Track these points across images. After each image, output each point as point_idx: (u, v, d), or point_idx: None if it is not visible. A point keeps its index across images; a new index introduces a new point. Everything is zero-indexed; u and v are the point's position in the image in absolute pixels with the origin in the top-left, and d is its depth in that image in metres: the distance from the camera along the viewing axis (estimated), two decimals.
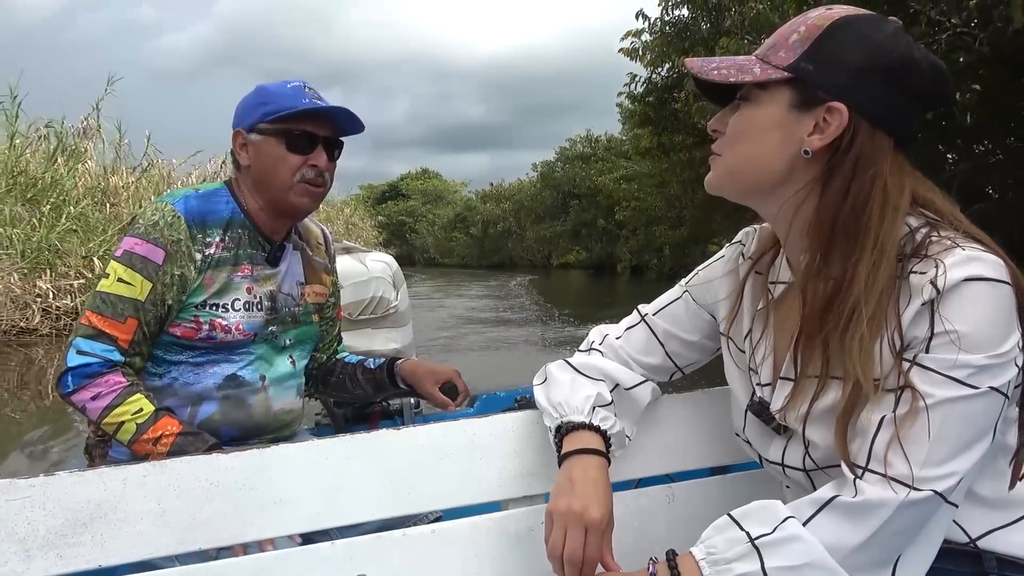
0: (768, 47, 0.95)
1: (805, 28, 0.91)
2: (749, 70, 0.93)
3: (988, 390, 0.82)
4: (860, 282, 0.87)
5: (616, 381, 1.13)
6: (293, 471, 1.08)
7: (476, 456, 1.16)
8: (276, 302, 1.58)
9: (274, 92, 1.53)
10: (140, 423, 1.37)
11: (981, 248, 0.85)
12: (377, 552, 1.09)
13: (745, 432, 1.07)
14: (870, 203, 0.88)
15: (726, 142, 0.97)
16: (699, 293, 1.16)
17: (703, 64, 0.96)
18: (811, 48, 0.90)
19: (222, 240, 1.51)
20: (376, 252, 2.68)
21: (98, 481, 0.99)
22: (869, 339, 0.86)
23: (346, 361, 1.84)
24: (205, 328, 1.48)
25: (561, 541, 0.94)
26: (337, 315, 1.84)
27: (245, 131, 1.54)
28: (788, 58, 0.91)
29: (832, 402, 0.91)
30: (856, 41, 0.89)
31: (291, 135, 1.50)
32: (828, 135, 0.89)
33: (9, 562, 0.93)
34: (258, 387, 1.56)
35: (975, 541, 0.90)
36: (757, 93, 0.94)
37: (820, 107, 0.89)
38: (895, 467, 0.82)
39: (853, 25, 0.90)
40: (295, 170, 1.51)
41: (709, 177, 1.00)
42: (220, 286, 1.49)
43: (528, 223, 37.32)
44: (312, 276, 1.69)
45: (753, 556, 0.83)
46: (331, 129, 1.55)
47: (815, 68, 0.90)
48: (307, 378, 1.82)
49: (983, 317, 0.82)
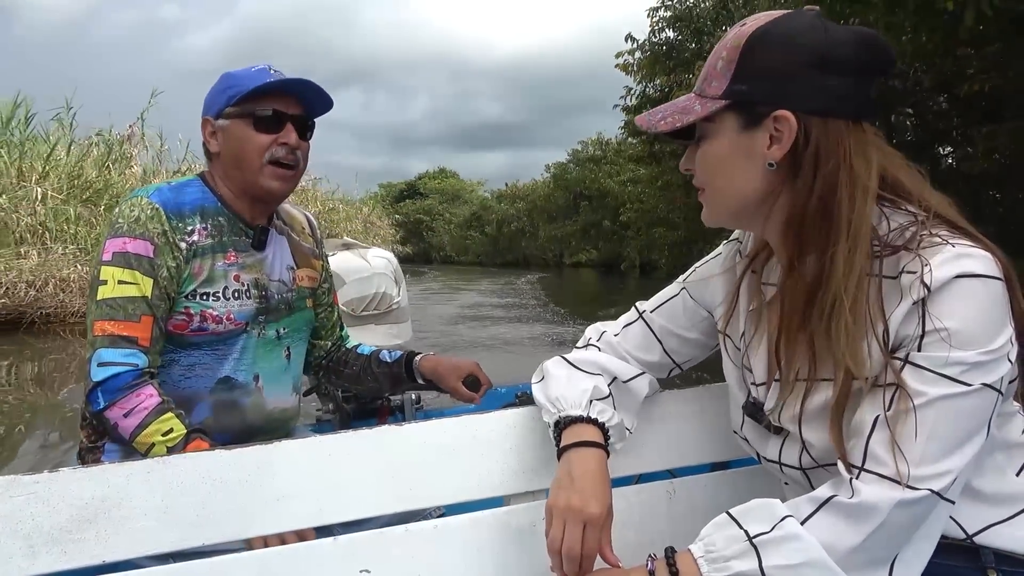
0: (702, 80, 0.97)
1: (727, 52, 0.93)
2: (691, 109, 0.96)
3: (981, 387, 0.82)
4: (838, 271, 0.88)
5: (614, 374, 1.13)
6: (296, 467, 1.08)
7: (478, 452, 1.16)
8: (267, 290, 1.55)
9: (238, 75, 1.50)
10: (171, 447, 1.34)
11: (970, 243, 0.86)
12: (380, 548, 1.10)
13: (743, 431, 1.07)
14: (837, 191, 0.89)
15: (703, 179, 1.00)
16: (697, 290, 1.17)
17: (650, 118, 0.99)
18: (737, 69, 0.92)
19: (204, 227, 1.49)
20: (376, 248, 2.69)
21: (102, 477, 1.00)
22: (854, 326, 0.87)
23: (359, 352, 1.81)
24: (196, 319, 1.46)
25: (560, 536, 0.95)
26: (333, 300, 1.82)
27: (213, 119, 1.51)
28: (720, 86, 0.93)
29: (824, 401, 0.91)
30: (773, 47, 0.90)
31: (257, 115, 1.47)
32: (784, 143, 0.91)
33: (14, 558, 0.94)
34: (251, 388, 1.53)
35: (972, 537, 0.91)
36: (707, 127, 0.96)
37: (767, 120, 0.91)
38: (891, 466, 0.82)
39: (767, 33, 0.91)
40: (264, 150, 1.48)
41: (704, 213, 1.03)
42: (208, 274, 1.47)
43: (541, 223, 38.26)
44: (302, 260, 1.67)
45: (751, 554, 0.83)
46: (300, 107, 1.52)
47: (747, 86, 0.91)
48: (316, 368, 1.82)
49: (974, 314, 0.82)
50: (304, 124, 1.53)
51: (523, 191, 45.10)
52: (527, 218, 41.25)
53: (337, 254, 2.58)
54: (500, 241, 44.61)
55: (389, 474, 1.12)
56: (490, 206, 48.10)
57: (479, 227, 48.10)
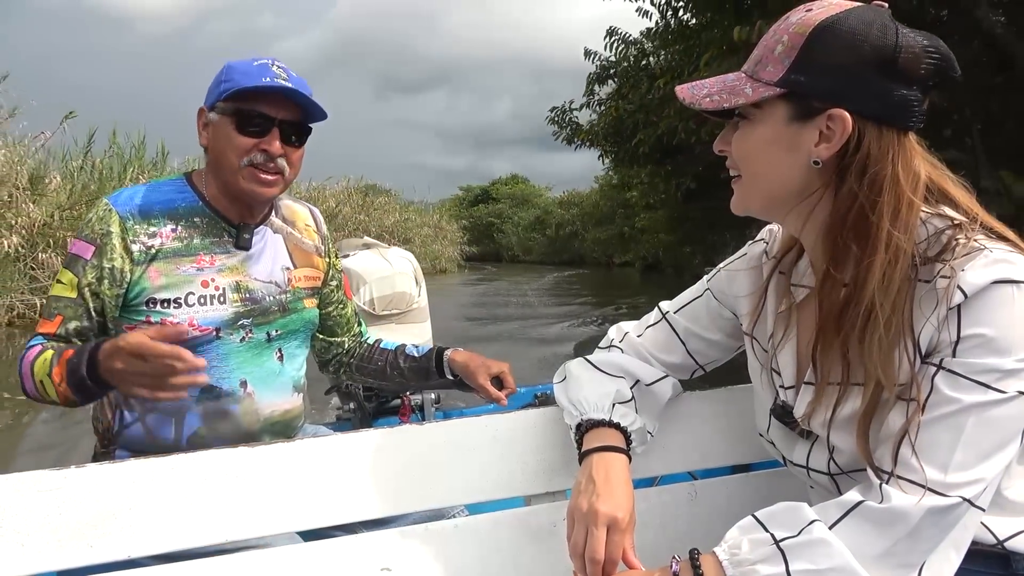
0: (755, 62, 0.92)
1: (788, 37, 0.88)
2: (740, 91, 0.91)
3: (1016, 394, 0.80)
4: (876, 282, 0.85)
5: (637, 377, 1.13)
6: (318, 465, 1.09)
7: (498, 452, 1.16)
8: (250, 292, 1.47)
9: (237, 68, 1.42)
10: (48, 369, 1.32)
11: (1007, 248, 0.84)
12: (401, 546, 1.10)
13: (769, 433, 1.06)
14: (880, 202, 0.86)
15: (739, 163, 0.96)
16: (721, 291, 1.15)
17: (694, 92, 0.94)
18: (798, 58, 0.87)
19: (173, 229, 1.43)
20: (397, 248, 2.70)
21: (127, 473, 1.01)
22: (888, 341, 0.85)
23: (383, 347, 1.77)
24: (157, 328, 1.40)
25: (583, 541, 0.94)
26: (346, 295, 1.75)
27: (207, 109, 1.45)
28: (777, 72, 0.88)
29: (855, 408, 0.90)
30: (842, 41, 0.85)
31: (243, 115, 1.40)
32: (835, 143, 0.87)
33: (43, 551, 0.96)
34: (240, 395, 1.46)
35: (1003, 543, 0.89)
36: (753, 111, 0.92)
37: (820, 116, 0.87)
38: (922, 473, 0.81)
39: (836, 25, 0.86)
40: (243, 153, 1.40)
41: (733, 200, 0.99)
42: (168, 280, 1.41)
43: (590, 227, 41.51)
44: (301, 259, 1.59)
45: (778, 558, 0.82)
46: (294, 112, 1.43)
47: (806, 78, 0.87)
48: (339, 366, 1.78)
49: (1011, 320, 0.80)
50: (296, 129, 1.45)
51: (578, 198, 48.97)
52: (580, 223, 44.73)
53: (358, 254, 2.59)
54: (557, 243, 48.30)
55: (410, 473, 1.12)
56: (552, 211, 52.44)
57: (541, 229, 51.80)
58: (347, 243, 2.71)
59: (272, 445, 1.09)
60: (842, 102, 0.86)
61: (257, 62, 1.42)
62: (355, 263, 2.51)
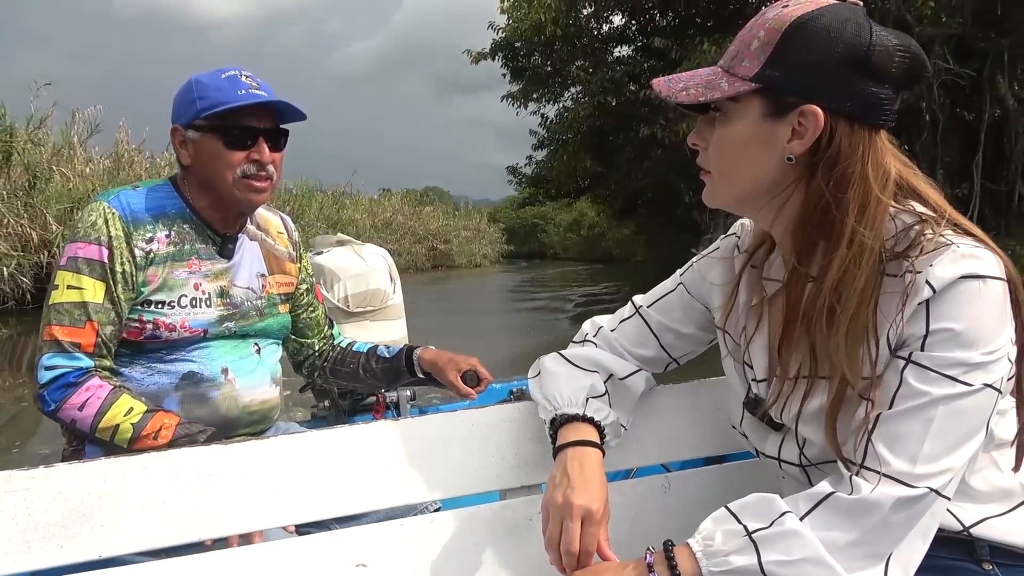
0: (732, 56, 0.93)
1: (764, 33, 0.89)
2: (717, 85, 0.91)
3: (982, 387, 0.82)
4: (839, 277, 0.87)
5: (610, 371, 1.13)
6: (292, 462, 1.08)
7: (474, 447, 1.16)
8: (232, 298, 1.52)
9: (207, 85, 1.45)
10: (135, 422, 1.33)
11: (974, 243, 0.86)
12: (376, 542, 1.10)
13: (742, 426, 1.07)
14: (846, 198, 0.87)
15: (711, 158, 0.97)
16: (694, 285, 1.16)
17: (670, 85, 0.95)
18: (773, 54, 0.87)
19: (166, 235, 1.46)
20: (371, 245, 2.68)
21: (98, 472, 1.00)
22: (853, 335, 0.86)
23: (356, 349, 1.80)
24: (149, 328, 1.43)
25: (558, 533, 0.95)
26: (317, 298, 1.79)
27: (183, 128, 1.47)
28: (753, 67, 0.89)
29: (823, 401, 0.91)
30: (817, 39, 0.86)
31: (228, 131, 1.44)
32: (807, 139, 0.88)
33: (10, 553, 0.94)
34: (220, 381, 1.49)
35: (968, 529, 0.91)
36: (729, 105, 0.92)
37: (793, 112, 0.88)
38: (891, 464, 0.83)
39: (811, 22, 0.86)
40: (236, 167, 1.45)
41: (704, 193, 0.99)
42: (163, 282, 1.44)
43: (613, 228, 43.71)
44: (275, 266, 1.64)
45: (750, 549, 0.83)
46: (271, 119, 1.48)
47: (780, 74, 0.87)
48: (312, 369, 1.80)
49: (977, 315, 0.82)
50: (277, 134, 1.50)
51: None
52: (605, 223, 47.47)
53: (332, 251, 2.57)
54: (589, 240, 52.16)
55: (385, 469, 1.12)
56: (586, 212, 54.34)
57: (577, 230, 55.80)
58: (321, 240, 2.69)
59: (245, 443, 1.08)
60: (815, 98, 0.87)
61: (225, 74, 1.45)
62: (329, 260, 2.49)
